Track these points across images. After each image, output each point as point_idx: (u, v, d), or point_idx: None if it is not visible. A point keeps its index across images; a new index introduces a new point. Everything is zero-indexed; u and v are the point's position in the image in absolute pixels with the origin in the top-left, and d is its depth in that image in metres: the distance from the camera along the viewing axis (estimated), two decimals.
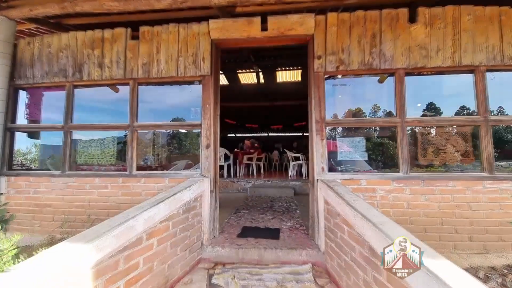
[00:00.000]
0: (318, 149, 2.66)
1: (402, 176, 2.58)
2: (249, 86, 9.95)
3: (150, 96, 3.17)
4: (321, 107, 2.69)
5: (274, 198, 5.33)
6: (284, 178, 6.91)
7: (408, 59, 2.65)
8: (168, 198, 2.04)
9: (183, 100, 3.17)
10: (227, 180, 6.48)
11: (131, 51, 2.99)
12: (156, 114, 3.20)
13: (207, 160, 2.78)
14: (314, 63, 2.72)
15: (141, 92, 3.08)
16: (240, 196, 5.69)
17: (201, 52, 2.85)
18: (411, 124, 2.67)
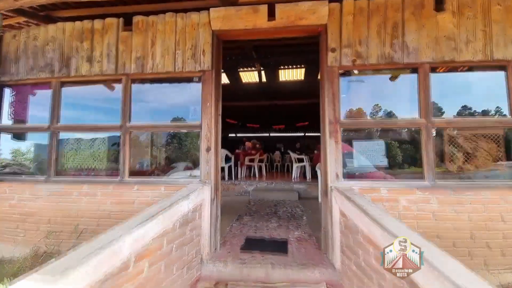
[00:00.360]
0: (332, 153, 2.35)
1: (428, 185, 2.28)
2: (251, 85, 9.64)
3: (145, 93, 2.87)
4: (335, 106, 2.38)
5: (278, 202, 5.03)
6: (287, 181, 6.61)
7: (434, 52, 2.34)
8: (162, 211, 1.74)
9: (182, 97, 2.87)
10: (228, 183, 6.17)
11: (123, 44, 2.69)
12: (152, 114, 2.91)
13: (208, 164, 2.48)
14: (327, 56, 2.41)
15: (136, 89, 2.78)
16: (242, 199, 5.39)
17: (201, 45, 2.54)
18: (438, 126, 2.36)
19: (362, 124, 2.43)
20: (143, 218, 1.64)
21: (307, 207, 4.59)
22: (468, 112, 2.50)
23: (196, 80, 2.63)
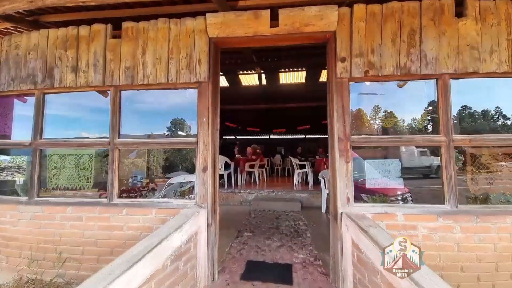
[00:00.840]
0: (342, 174, 2.11)
1: (450, 210, 2.03)
2: (251, 88, 9.40)
3: (136, 105, 2.63)
4: (345, 121, 2.13)
5: (280, 214, 4.78)
6: (289, 188, 6.36)
7: (456, 62, 2.09)
8: (150, 251, 1.49)
9: (178, 109, 2.62)
10: (227, 191, 5.93)
11: (111, 52, 2.43)
12: (145, 127, 2.66)
13: (204, 186, 2.23)
14: (336, 67, 2.16)
15: (126, 101, 2.53)
16: (243, 210, 5.14)
17: (197, 54, 2.29)
18: (461, 144, 2.12)
19: (375, 142, 2.19)
20: (127, 262, 1.39)
21: (310, 219, 4.35)
22: (489, 128, 2.26)
23: (192, 91, 2.38)
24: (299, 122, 12.33)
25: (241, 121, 12.49)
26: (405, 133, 2.34)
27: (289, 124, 12.40)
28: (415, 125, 2.32)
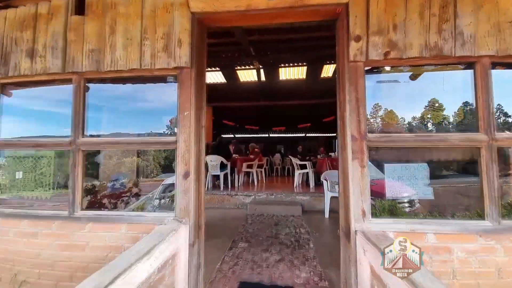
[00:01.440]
0: (355, 181, 1.68)
1: (490, 227, 1.60)
2: (249, 84, 8.94)
3: (106, 98, 2.19)
4: (360, 115, 1.70)
5: (279, 219, 4.36)
6: (289, 190, 5.93)
7: (497, 42, 1.66)
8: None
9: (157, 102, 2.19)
10: (223, 194, 5.50)
11: (74, 32, 1.99)
12: (116, 124, 2.22)
13: (186, 196, 1.80)
14: (349, 48, 1.72)
15: (94, 92, 2.09)
16: (239, 214, 4.72)
17: (177, 33, 1.85)
18: (505, 144, 1.68)
19: (399, 142, 1.75)
20: None
21: (312, 226, 3.92)
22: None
23: (172, 80, 1.94)
24: (299, 120, 11.89)
25: (239, 119, 12.05)
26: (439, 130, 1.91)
27: (289, 122, 11.96)
28: (451, 120, 1.88)
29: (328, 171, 5.11)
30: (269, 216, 4.54)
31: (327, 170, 5.93)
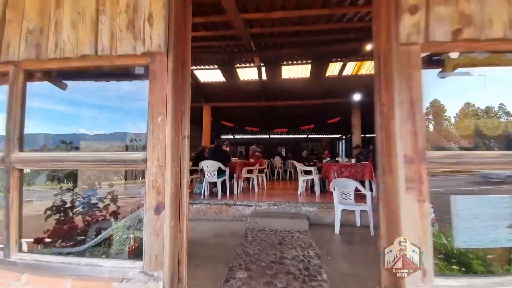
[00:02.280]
0: (411, 223, 1.11)
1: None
2: (250, 83, 8.37)
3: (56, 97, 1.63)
4: (416, 125, 1.12)
5: (284, 236, 3.80)
6: (292, 198, 5.37)
7: None
8: None
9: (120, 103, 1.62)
10: (221, 203, 4.93)
11: (12, 9, 1.42)
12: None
13: (158, 239, 1.23)
14: (398, 24, 1.15)
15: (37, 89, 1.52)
16: (237, 228, 4.15)
17: (146, 5, 1.28)
18: None
19: (478, 164, 1.17)
20: None
21: (322, 246, 3.35)
22: None
23: (141, 71, 1.37)
24: (302, 121, 11.31)
25: (239, 119, 11.47)
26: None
27: (291, 124, 11.38)
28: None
29: (337, 179, 4.55)
30: (271, 232, 3.98)
31: (334, 177, 5.37)
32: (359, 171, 5.39)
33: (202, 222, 4.55)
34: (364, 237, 3.77)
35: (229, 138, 14.90)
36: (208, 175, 5.31)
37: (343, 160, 6.02)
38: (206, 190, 5.57)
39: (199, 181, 5.96)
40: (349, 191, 4.38)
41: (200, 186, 5.70)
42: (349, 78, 7.91)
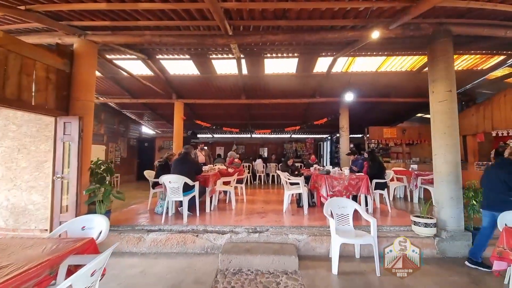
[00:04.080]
0: None
1: None
2: (229, 78, 7.20)
3: None
4: None
5: (267, 283, 2.77)
6: (276, 219, 4.37)
7: None
8: None
9: None
10: (187, 230, 3.78)
11: None
12: None
13: None
14: None
15: None
16: (205, 271, 3.05)
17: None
18: None
19: None
20: None
21: None
22: None
23: None
24: (287, 121, 10.37)
25: (217, 119, 10.24)
26: None
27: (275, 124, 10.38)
28: None
29: (333, 200, 3.61)
30: (250, 276, 2.93)
31: (326, 193, 4.46)
32: (353, 184, 4.52)
33: (160, 259, 3.38)
34: (370, 280, 2.87)
35: (207, 137, 13.60)
36: (171, 192, 4.12)
37: (335, 170, 5.13)
38: (170, 211, 4.38)
39: (161, 197, 4.75)
40: (347, 214, 3.46)
41: (162, 203, 4.49)
42: (338, 76, 7.05)
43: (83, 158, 3.53)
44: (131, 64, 6.18)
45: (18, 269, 1.47)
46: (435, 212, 3.82)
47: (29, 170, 3.79)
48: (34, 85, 3.25)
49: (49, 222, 3.44)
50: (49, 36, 4.07)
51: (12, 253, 1.73)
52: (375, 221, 3.07)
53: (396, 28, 3.79)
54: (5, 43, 2.88)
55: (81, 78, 3.83)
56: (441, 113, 3.83)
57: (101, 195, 3.67)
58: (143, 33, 4.11)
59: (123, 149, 10.49)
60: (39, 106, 3.31)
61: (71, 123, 3.46)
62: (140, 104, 8.98)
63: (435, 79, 3.93)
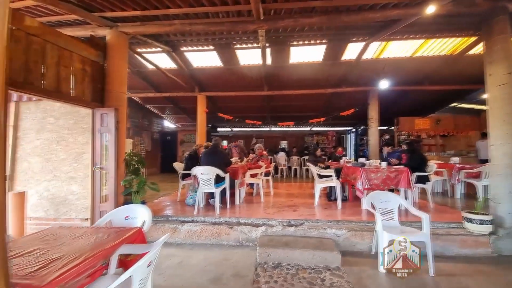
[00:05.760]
0: None
1: None
2: (252, 68, 7.01)
3: None
4: None
5: (310, 279, 2.62)
6: (310, 212, 4.19)
7: None
8: None
9: None
10: (220, 222, 3.72)
11: None
12: None
13: None
14: None
15: None
16: (244, 264, 2.96)
17: None
18: None
19: None
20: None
21: None
22: None
23: None
24: (310, 112, 10.02)
25: (238, 111, 10.12)
26: None
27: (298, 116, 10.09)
28: None
29: (375, 193, 3.35)
30: (291, 271, 2.80)
31: (362, 187, 4.19)
32: (392, 177, 4.21)
33: (196, 250, 3.35)
34: (424, 280, 2.63)
35: (226, 131, 13.58)
36: (203, 184, 4.06)
37: (370, 163, 4.83)
38: (201, 203, 4.35)
39: (191, 189, 4.73)
40: (391, 208, 3.21)
41: (193, 195, 4.47)
42: (368, 63, 6.62)
43: (119, 150, 3.55)
44: (156, 58, 6.17)
45: (73, 260, 1.41)
46: (491, 208, 3.46)
47: (68, 162, 3.87)
48: (72, 76, 3.26)
49: (90, 211, 3.51)
50: (82, 29, 4.09)
51: (63, 244, 1.69)
52: (427, 217, 2.80)
53: (448, 3, 3.39)
54: (41, 33, 2.86)
55: (114, 70, 3.82)
56: (500, 98, 3.41)
57: (136, 186, 3.69)
58: (173, 22, 4.01)
59: (147, 142, 10.73)
60: (77, 97, 3.33)
61: (107, 114, 3.47)
62: (162, 98, 9.06)
63: (492, 61, 3.50)
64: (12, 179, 3.90)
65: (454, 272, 2.78)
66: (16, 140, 3.97)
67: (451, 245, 3.22)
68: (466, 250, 3.21)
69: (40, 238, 1.77)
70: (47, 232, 1.90)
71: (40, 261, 1.37)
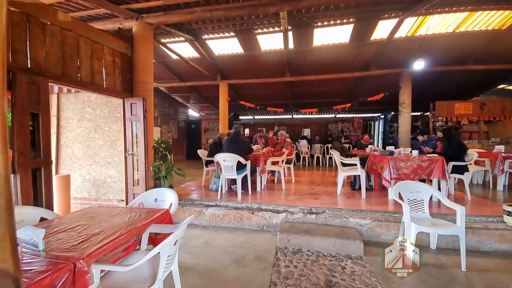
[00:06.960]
0: None
1: None
2: (273, 54, 6.81)
3: None
4: None
5: (331, 267, 2.61)
6: (332, 201, 4.11)
7: None
8: None
9: None
10: (242, 207, 3.83)
11: None
12: None
13: None
14: None
15: None
16: (265, 247, 3.04)
17: None
18: None
19: None
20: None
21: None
22: None
23: None
24: (335, 98, 9.57)
25: (260, 98, 10.02)
26: None
27: (321, 102, 9.70)
28: None
29: (404, 183, 3.15)
30: (312, 257, 2.81)
31: (390, 176, 3.96)
32: (424, 167, 3.91)
33: (219, 233, 3.51)
34: (456, 275, 2.47)
35: (248, 119, 13.61)
36: (226, 170, 4.17)
37: (399, 151, 4.52)
38: (224, 188, 4.49)
39: (215, 175, 4.89)
40: (421, 199, 3.00)
41: (216, 181, 4.63)
42: (401, 42, 6.03)
43: (148, 137, 3.75)
44: (179, 47, 6.28)
45: (110, 236, 1.55)
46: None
47: (105, 148, 4.22)
48: (104, 68, 3.45)
49: (124, 193, 3.83)
50: (110, 22, 4.27)
51: (102, 221, 1.87)
52: (463, 210, 2.57)
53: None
54: (74, 27, 3.03)
55: (141, 60, 3.97)
56: None
57: (164, 171, 3.90)
58: (194, 10, 4.00)
59: (174, 130, 11.21)
60: (110, 88, 3.55)
61: (136, 104, 3.66)
62: (187, 87, 9.29)
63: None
64: (58, 164, 4.37)
65: (488, 268, 2.57)
66: (60, 129, 4.40)
67: (488, 240, 2.95)
68: (504, 246, 2.92)
69: (82, 215, 1.97)
70: (88, 211, 2.10)
71: (81, 235, 1.53)
